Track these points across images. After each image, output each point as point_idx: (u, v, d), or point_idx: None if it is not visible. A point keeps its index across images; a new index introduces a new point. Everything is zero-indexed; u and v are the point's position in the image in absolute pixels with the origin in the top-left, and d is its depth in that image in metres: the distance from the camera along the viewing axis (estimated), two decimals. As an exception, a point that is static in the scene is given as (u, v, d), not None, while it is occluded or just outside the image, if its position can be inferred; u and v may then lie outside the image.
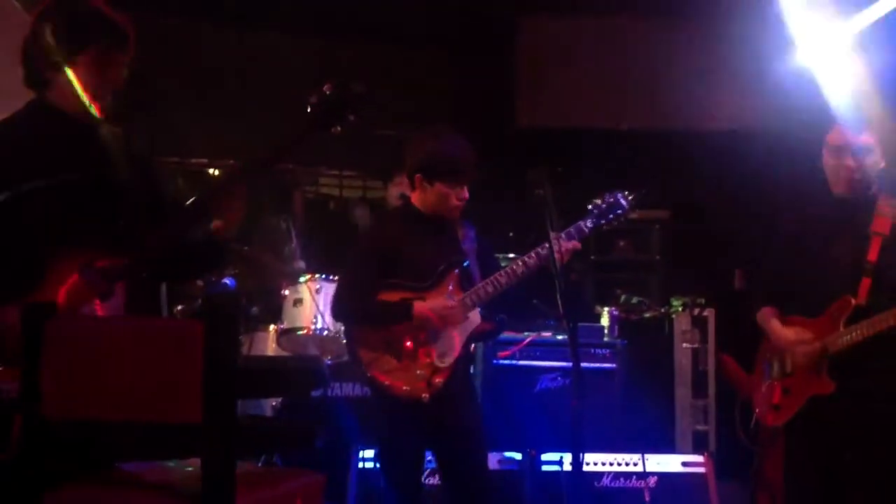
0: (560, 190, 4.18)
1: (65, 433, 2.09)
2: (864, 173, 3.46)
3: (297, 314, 5.05)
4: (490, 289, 3.75)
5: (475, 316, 3.78)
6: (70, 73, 2.60)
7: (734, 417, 6.15)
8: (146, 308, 2.79)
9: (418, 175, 3.80)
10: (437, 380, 3.67)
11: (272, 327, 5.16)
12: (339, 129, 2.69)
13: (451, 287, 3.78)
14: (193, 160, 4.44)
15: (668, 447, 5.55)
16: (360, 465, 4.45)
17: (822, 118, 4.53)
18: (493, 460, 4.29)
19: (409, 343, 3.70)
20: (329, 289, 5.06)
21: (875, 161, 3.46)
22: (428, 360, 3.69)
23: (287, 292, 5.13)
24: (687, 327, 5.91)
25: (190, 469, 2.22)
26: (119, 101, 2.66)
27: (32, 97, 2.66)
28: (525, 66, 6.44)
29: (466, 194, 3.79)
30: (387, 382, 3.68)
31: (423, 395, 3.66)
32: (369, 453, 4.43)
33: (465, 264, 3.83)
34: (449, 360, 3.71)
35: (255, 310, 5.45)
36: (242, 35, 5.96)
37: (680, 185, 6.35)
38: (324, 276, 5.08)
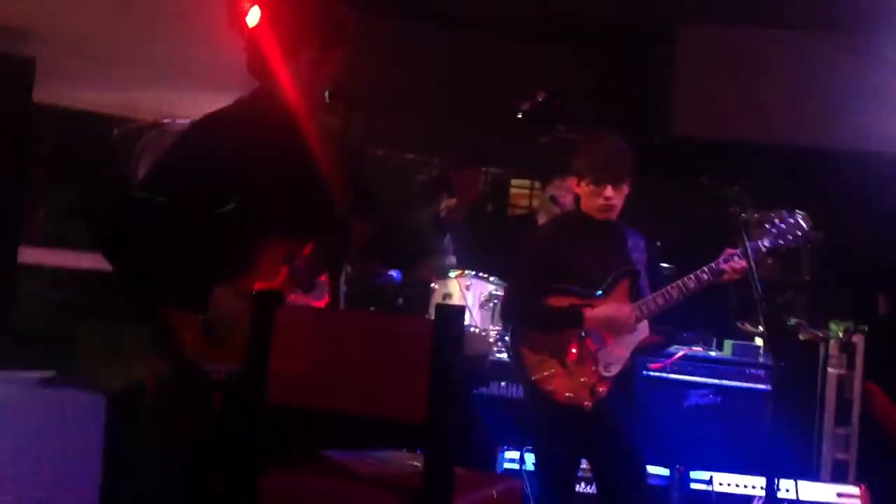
0: (709, 202, 4.10)
1: (286, 419, 2.14)
2: None
3: (445, 309, 5.06)
4: (661, 301, 3.71)
5: (643, 327, 3.75)
6: (289, 67, 2.66)
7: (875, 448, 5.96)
8: (334, 297, 2.84)
9: (581, 178, 3.82)
10: (600, 389, 3.65)
11: (419, 320, 5.18)
12: (546, 137, 2.70)
13: (621, 296, 3.74)
14: (400, 155, 4.53)
15: (809, 474, 5.40)
16: (506, 465, 4.44)
17: None
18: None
19: (575, 350, 3.68)
20: (478, 285, 5.07)
21: None
22: (593, 369, 3.66)
23: (436, 286, 5.16)
24: (835, 352, 5.75)
25: (401, 463, 2.25)
26: (336, 95, 2.69)
27: (257, 86, 2.72)
28: (683, 73, 6.33)
29: (610, 193, 3.73)
30: (550, 388, 3.67)
31: (586, 403, 3.64)
32: (514, 454, 4.42)
33: (638, 274, 3.79)
34: (614, 371, 3.68)
35: (400, 301, 5.50)
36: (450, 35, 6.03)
37: (836, 206, 6.16)
38: (474, 272, 5.08)
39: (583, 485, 4.23)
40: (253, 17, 2.66)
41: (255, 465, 2.12)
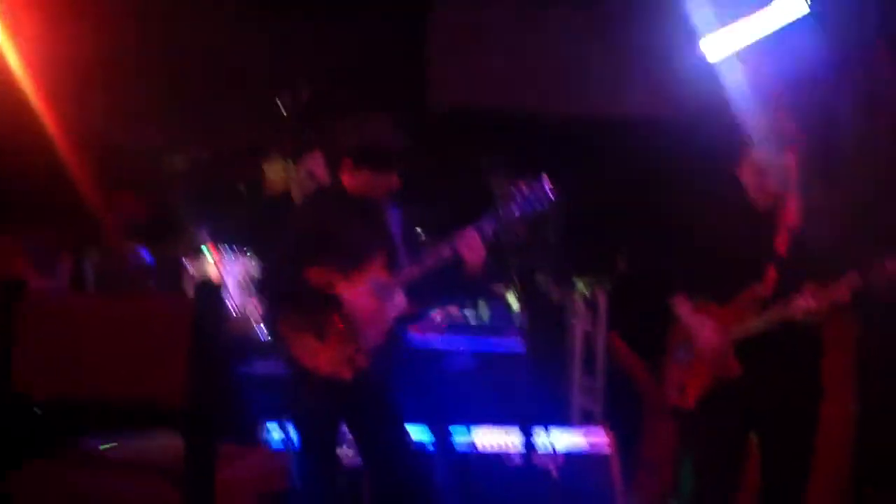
0: (464, 173, 4.21)
1: (38, 410, 2.03)
2: (783, 189, 3.56)
3: (201, 288, 4.94)
4: (417, 270, 3.77)
5: (401, 298, 3.80)
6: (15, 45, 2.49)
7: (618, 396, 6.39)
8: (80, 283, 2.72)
9: (348, 159, 3.81)
10: (359, 360, 3.68)
11: (174, 301, 5.03)
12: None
13: (379, 269, 3.79)
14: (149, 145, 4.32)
15: (562, 423, 5.71)
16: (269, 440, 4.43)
17: (728, 111, 4.75)
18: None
19: (333, 324, 3.69)
20: (235, 263, 5.00)
21: (792, 176, 3.54)
22: (352, 341, 3.69)
23: (190, 265, 5.03)
24: (581, 308, 6.10)
25: (165, 445, 2.19)
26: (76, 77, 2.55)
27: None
28: (437, 45, 6.43)
29: (395, 179, 3.80)
30: (311, 362, 3.67)
31: (346, 374, 3.66)
32: (278, 429, 4.40)
33: (396, 246, 3.85)
34: (373, 341, 3.72)
35: (152, 282, 5.32)
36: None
37: (580, 170, 6.49)
38: (230, 250, 5.00)
39: (349, 452, 4.26)
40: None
41: (4, 462, 2.00)
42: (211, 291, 1.97)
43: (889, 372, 4.07)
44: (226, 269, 4.96)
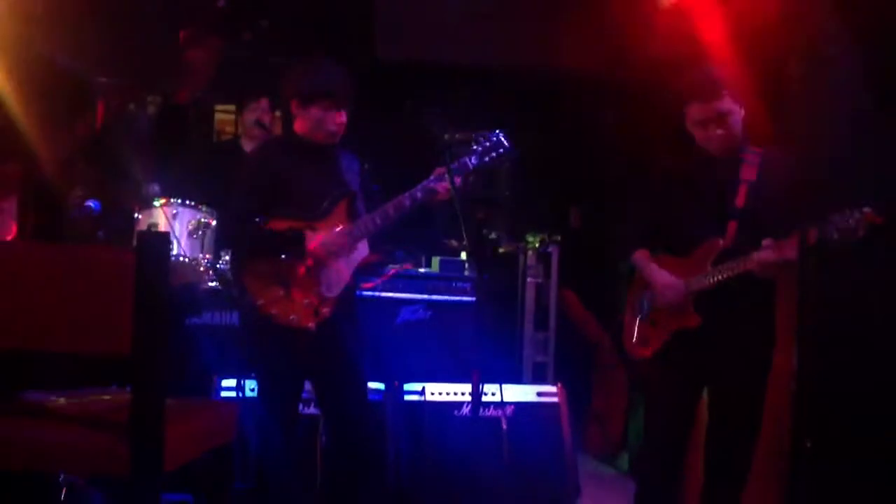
0: (413, 125, 4.19)
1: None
2: (732, 135, 3.57)
3: (152, 240, 4.86)
4: (378, 221, 3.77)
5: (363, 247, 3.80)
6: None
7: (570, 349, 6.45)
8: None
9: (294, 101, 3.79)
10: (323, 310, 3.68)
11: (124, 253, 4.94)
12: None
13: (340, 218, 3.78)
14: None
15: (513, 377, 5.76)
16: (223, 394, 4.40)
17: (678, 66, 4.74)
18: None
19: (297, 272, 3.68)
20: (185, 214, 4.90)
21: (737, 119, 3.56)
22: (316, 290, 3.68)
23: (140, 216, 4.94)
24: (533, 262, 6.13)
25: (115, 398, 2.16)
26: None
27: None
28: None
29: (343, 118, 3.78)
30: (274, 311, 3.65)
31: (310, 324, 3.65)
32: (231, 382, 4.38)
33: (355, 195, 3.83)
34: (336, 291, 3.72)
35: (100, 234, 5.22)
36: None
37: (530, 124, 6.49)
38: (181, 200, 4.91)
39: (301, 406, 4.26)
40: None
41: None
42: (155, 240, 1.92)
43: (827, 327, 4.13)
44: (177, 219, 4.88)
